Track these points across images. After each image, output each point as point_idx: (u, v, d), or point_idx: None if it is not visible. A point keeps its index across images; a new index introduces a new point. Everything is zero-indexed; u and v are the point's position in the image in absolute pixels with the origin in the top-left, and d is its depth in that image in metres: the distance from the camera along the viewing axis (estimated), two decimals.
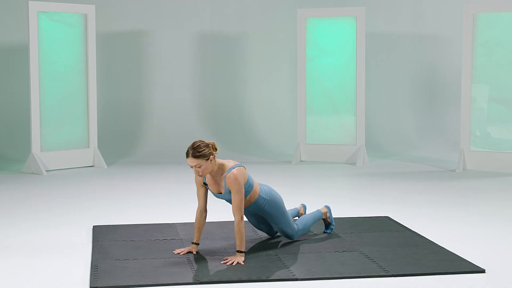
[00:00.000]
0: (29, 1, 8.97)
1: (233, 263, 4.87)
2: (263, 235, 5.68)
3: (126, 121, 11.06)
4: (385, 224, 6.08)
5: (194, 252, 5.15)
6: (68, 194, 7.73)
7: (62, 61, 9.32)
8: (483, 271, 4.77)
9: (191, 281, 4.51)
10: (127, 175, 8.93)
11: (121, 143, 10.75)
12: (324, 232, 5.80)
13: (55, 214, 6.65)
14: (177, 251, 5.17)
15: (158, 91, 11.24)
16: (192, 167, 4.89)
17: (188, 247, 5.20)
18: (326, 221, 5.81)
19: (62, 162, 9.31)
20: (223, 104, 11.36)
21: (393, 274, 4.68)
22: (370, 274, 4.67)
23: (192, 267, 4.81)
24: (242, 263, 4.88)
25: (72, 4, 9.42)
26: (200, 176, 4.92)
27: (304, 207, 5.95)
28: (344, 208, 6.86)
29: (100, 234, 5.73)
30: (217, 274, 4.64)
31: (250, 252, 5.18)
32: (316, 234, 5.75)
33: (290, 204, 6.62)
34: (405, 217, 6.46)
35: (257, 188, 5.18)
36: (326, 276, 4.63)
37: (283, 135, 11.06)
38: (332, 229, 5.81)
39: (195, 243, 5.19)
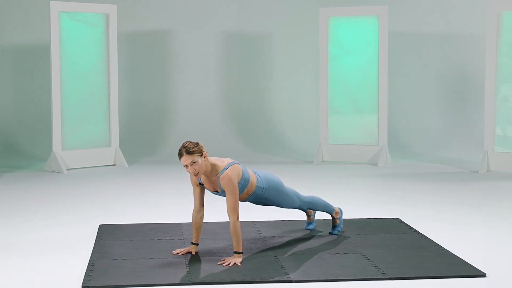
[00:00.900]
0: (51, 1, 9.05)
1: (229, 264, 4.84)
2: (266, 234, 5.63)
3: (150, 121, 11.10)
4: (393, 226, 5.99)
5: (193, 253, 5.12)
6: (84, 192, 7.77)
7: (84, 61, 9.38)
8: (484, 275, 4.66)
9: (183, 281, 4.49)
10: (146, 174, 8.95)
11: (145, 143, 10.79)
12: (329, 233, 5.73)
13: (67, 212, 6.69)
14: (176, 251, 5.15)
15: (182, 90, 11.26)
16: (187, 166, 4.86)
17: (187, 248, 5.18)
18: (335, 222, 5.74)
19: (83, 160, 9.38)
20: (247, 103, 11.33)
21: (390, 277, 4.60)
22: (366, 277, 4.59)
23: (187, 267, 4.79)
24: (239, 264, 4.84)
25: (93, 4, 9.48)
26: (196, 175, 4.89)
27: (341, 211, 5.83)
28: (357, 208, 6.78)
29: (105, 233, 5.74)
30: (210, 275, 4.61)
31: (250, 252, 5.14)
32: (321, 235, 5.68)
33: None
34: (418, 218, 6.35)
35: (253, 180, 5.14)
36: (321, 279, 4.57)
37: (307, 135, 10.99)
38: (339, 231, 5.74)
39: (194, 244, 5.16)
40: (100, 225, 6.02)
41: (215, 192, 5.06)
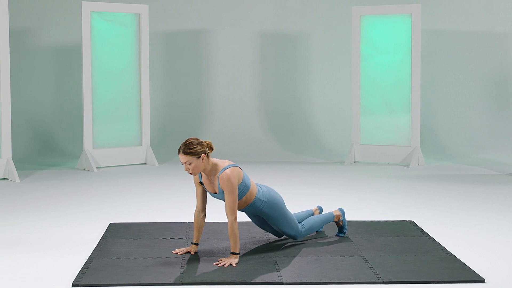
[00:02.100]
0: (82, 1, 9.18)
1: (225, 264, 4.82)
2: (271, 237, 5.59)
3: (185, 120, 11.15)
4: (404, 229, 5.87)
5: (193, 252, 5.11)
6: (108, 190, 7.85)
7: (115, 61, 9.48)
8: (482, 281, 4.53)
9: (172, 281, 4.48)
10: (175, 174, 8.98)
11: (179, 142, 10.83)
12: (336, 235, 5.66)
13: (86, 210, 6.75)
14: (175, 251, 5.15)
15: (217, 90, 11.29)
16: (182, 163, 4.87)
17: (187, 247, 5.17)
18: (339, 224, 5.67)
19: (114, 159, 9.48)
20: (283, 103, 11.30)
21: (385, 281, 4.51)
22: (359, 280, 4.51)
23: (182, 267, 4.78)
24: (234, 265, 4.81)
25: (125, 4, 9.57)
26: (191, 174, 4.88)
27: (320, 209, 5.81)
28: (374, 210, 6.68)
29: (112, 231, 5.78)
30: (202, 276, 4.59)
31: (249, 254, 5.11)
32: (327, 237, 5.61)
33: (326, 207, 6.54)
34: (435, 222, 6.22)
35: (254, 190, 5.09)
36: (314, 281, 4.51)
37: (342, 135, 10.89)
38: (345, 232, 5.66)
39: (195, 243, 5.16)
40: (110, 224, 6.06)
41: (214, 193, 5.03)
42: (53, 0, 11.01)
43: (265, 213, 5.19)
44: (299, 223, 5.42)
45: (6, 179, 8.51)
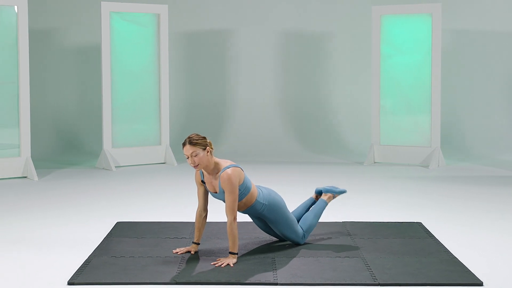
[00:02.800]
0: (102, 2, 9.25)
1: (222, 264, 4.81)
2: (274, 237, 5.57)
3: (207, 120, 11.18)
4: (411, 231, 5.81)
5: (193, 252, 5.12)
6: (124, 189, 7.90)
7: (135, 61, 9.55)
8: (480, 284, 4.47)
9: (167, 281, 4.49)
10: (193, 173, 9.00)
11: None
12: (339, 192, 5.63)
13: (96, 209, 6.80)
14: (176, 250, 5.17)
15: (240, 90, 11.30)
16: (188, 157, 4.86)
17: (187, 247, 5.18)
18: (336, 196, 5.63)
19: (133, 158, 9.55)
20: (304, 103, 11.26)
21: (380, 283, 4.47)
22: (354, 282, 4.48)
23: (180, 267, 4.79)
24: (232, 265, 4.81)
25: (144, 4, 9.63)
26: (196, 167, 4.86)
27: (318, 191, 5.67)
28: (385, 211, 6.63)
29: (118, 230, 5.82)
30: (197, 275, 4.59)
31: (249, 254, 5.10)
32: (331, 238, 5.57)
33: (337, 208, 6.51)
34: (445, 223, 6.14)
35: (254, 192, 5.07)
36: (308, 282, 4.48)
37: (364, 135, 10.82)
38: (344, 191, 5.64)
39: (196, 243, 5.17)
40: (117, 222, 6.10)
41: (214, 193, 5.03)
42: (74, 0, 11.12)
43: (266, 217, 5.18)
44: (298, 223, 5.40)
45: (25, 177, 8.62)
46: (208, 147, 4.89)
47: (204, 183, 5.06)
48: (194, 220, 6.17)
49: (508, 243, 5.51)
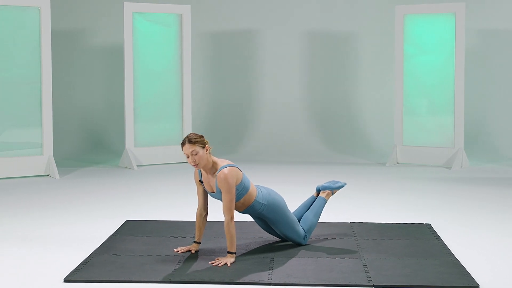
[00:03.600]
0: (125, 2, 9.34)
1: (219, 264, 4.82)
2: (277, 237, 5.57)
3: (232, 120, 11.21)
4: (417, 232, 5.76)
5: (193, 251, 5.14)
6: (141, 188, 7.97)
7: (157, 61, 9.62)
8: (476, 286, 4.40)
9: (161, 279, 4.52)
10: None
11: (227, 141, 10.92)
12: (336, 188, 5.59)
13: (110, 207, 6.87)
14: (177, 249, 5.19)
15: (265, 90, 11.30)
16: (188, 156, 4.88)
17: (189, 246, 5.21)
18: (335, 192, 5.59)
19: (156, 157, 9.62)
20: (330, 103, 11.22)
21: (374, 284, 4.44)
22: (348, 283, 4.45)
23: (177, 265, 4.81)
24: (229, 265, 4.82)
25: (167, 5, 9.69)
26: (196, 165, 4.87)
27: (319, 188, 5.62)
28: (395, 212, 6.58)
29: (125, 228, 5.87)
30: (192, 274, 4.61)
31: (249, 253, 5.10)
32: (335, 239, 5.55)
33: (349, 208, 6.48)
34: (457, 225, 6.06)
35: (253, 192, 5.07)
36: (302, 283, 4.47)
37: (389, 135, 10.74)
38: (343, 185, 5.61)
39: (196, 242, 5.19)
40: (126, 221, 6.16)
41: (212, 193, 5.05)
42: (97, 1, 11.24)
43: (265, 217, 5.18)
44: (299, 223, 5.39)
45: (47, 175, 8.75)
46: (206, 145, 4.92)
47: (202, 182, 5.08)
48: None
49: None
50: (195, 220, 6.15)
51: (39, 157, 8.73)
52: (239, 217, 5.93)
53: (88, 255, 5.08)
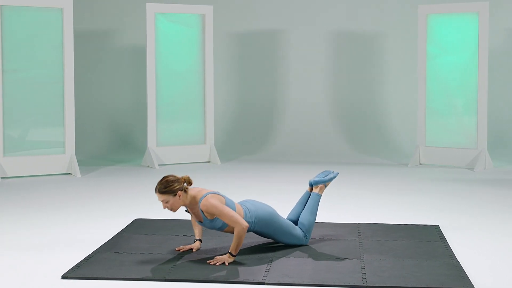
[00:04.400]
0: (147, 3, 9.44)
1: (217, 263, 4.84)
2: None
3: (259, 119, 11.24)
4: (424, 234, 5.71)
5: (194, 250, 5.17)
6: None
7: (180, 61, 9.70)
8: None
9: (157, 278, 4.56)
10: (235, 172, 9.09)
11: (251, 141, 10.95)
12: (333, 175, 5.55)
13: (123, 205, 6.94)
14: (179, 247, 5.22)
15: (291, 90, 11.31)
16: (160, 202, 4.90)
17: (191, 244, 5.24)
18: (327, 185, 5.54)
19: (178, 157, 9.70)
20: (355, 103, 11.18)
21: (368, 285, 4.42)
22: (342, 283, 4.44)
23: (175, 264, 4.85)
24: (227, 264, 4.83)
25: (189, 5, 9.76)
26: (171, 211, 4.89)
27: (311, 183, 5.56)
28: (406, 213, 6.54)
29: (133, 226, 5.94)
30: (188, 273, 4.64)
31: (249, 253, 5.11)
32: (339, 239, 5.54)
33: (362, 209, 6.46)
34: (468, 227, 6.00)
35: (240, 213, 5.02)
36: (296, 283, 4.47)
37: (413, 136, 10.65)
38: (335, 176, 5.55)
39: (198, 240, 5.22)
40: (135, 219, 6.22)
41: (200, 222, 5.04)
42: (120, 2, 11.36)
43: (258, 232, 5.17)
44: (296, 225, 5.37)
45: (69, 173, 8.89)
46: (179, 192, 4.86)
47: (188, 211, 5.08)
48: None
49: None
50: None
51: (61, 156, 8.87)
52: None
53: (91, 253, 5.14)
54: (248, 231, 5.10)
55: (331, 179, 5.54)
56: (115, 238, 5.58)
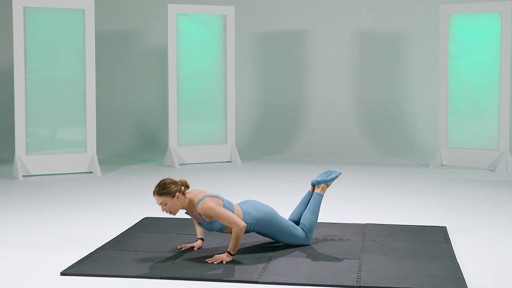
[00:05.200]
0: (169, 4, 9.53)
1: (214, 261, 4.88)
2: None
3: (283, 120, 11.26)
4: (428, 235, 5.68)
5: (196, 248, 5.21)
6: None
7: (201, 61, 9.78)
8: None
9: (154, 275, 4.61)
10: (255, 172, 9.12)
11: (275, 141, 10.98)
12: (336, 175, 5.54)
13: (139, 204, 7.02)
14: (181, 246, 5.28)
15: (315, 90, 11.31)
16: (158, 204, 4.94)
17: (192, 243, 5.29)
18: (329, 184, 5.53)
19: (199, 156, 9.78)
20: (380, 103, 11.13)
21: (361, 285, 4.42)
22: (335, 283, 4.45)
23: (174, 262, 4.90)
24: (224, 263, 4.87)
25: (211, 6, 9.83)
26: (170, 213, 4.94)
27: (313, 183, 5.56)
28: (418, 214, 6.51)
29: (140, 225, 6.01)
30: (184, 271, 4.68)
31: (248, 252, 5.14)
32: (342, 240, 5.54)
33: (374, 211, 6.48)
34: (478, 229, 5.95)
35: (239, 214, 5.05)
36: (289, 282, 4.48)
37: (436, 137, 10.56)
38: (338, 175, 5.53)
39: (200, 239, 5.26)
40: (144, 218, 6.30)
41: (199, 224, 5.08)
42: (142, 4, 11.46)
43: (259, 233, 5.20)
44: (297, 225, 5.38)
45: (91, 172, 9.02)
46: (177, 193, 4.90)
47: (187, 213, 5.12)
48: None
49: None
50: None
51: (83, 155, 9.00)
52: None
53: (93, 250, 5.22)
54: (248, 232, 5.13)
55: (333, 179, 5.54)
56: (120, 236, 5.66)
